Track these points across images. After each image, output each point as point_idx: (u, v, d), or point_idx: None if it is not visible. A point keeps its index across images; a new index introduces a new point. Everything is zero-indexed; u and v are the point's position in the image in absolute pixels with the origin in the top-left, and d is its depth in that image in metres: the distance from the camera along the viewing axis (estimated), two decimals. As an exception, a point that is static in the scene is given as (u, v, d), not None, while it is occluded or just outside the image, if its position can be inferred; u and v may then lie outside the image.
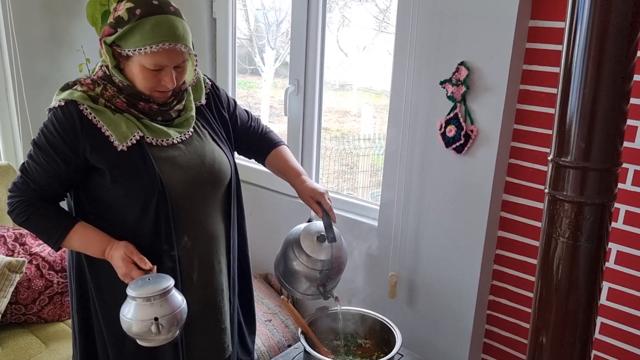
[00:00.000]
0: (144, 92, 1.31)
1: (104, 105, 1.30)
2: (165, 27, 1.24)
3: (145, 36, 1.23)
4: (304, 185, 1.57)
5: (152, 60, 1.25)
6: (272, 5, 2.85)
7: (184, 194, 1.38)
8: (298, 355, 1.79)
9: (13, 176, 2.27)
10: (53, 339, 2.01)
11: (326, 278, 1.56)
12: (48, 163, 1.30)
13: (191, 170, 1.39)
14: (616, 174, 1.03)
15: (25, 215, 1.33)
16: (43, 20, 2.49)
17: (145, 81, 1.28)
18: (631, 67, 0.97)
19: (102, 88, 1.31)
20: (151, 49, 1.23)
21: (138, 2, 1.25)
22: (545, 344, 1.13)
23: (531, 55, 1.77)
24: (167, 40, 1.24)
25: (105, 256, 1.32)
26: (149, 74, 1.27)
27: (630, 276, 1.72)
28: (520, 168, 1.88)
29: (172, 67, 1.29)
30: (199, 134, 1.45)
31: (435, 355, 2.12)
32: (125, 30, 1.24)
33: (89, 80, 1.33)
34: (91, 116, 1.28)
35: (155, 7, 1.24)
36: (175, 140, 1.38)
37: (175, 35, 1.25)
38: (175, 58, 1.28)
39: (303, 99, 2.40)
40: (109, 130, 1.29)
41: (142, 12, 1.23)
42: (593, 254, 1.05)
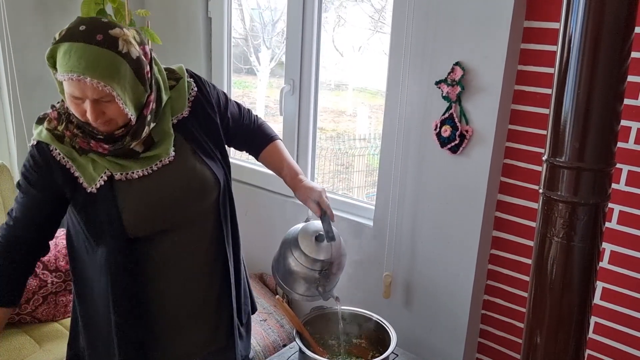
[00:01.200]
0: (81, 121, 1.22)
1: (70, 144, 1.26)
2: (76, 57, 1.13)
3: (60, 62, 1.15)
4: (301, 185, 1.56)
5: (68, 89, 1.16)
6: (267, 5, 2.84)
7: (162, 226, 1.34)
8: (293, 355, 1.79)
9: (7, 176, 2.26)
10: (47, 339, 2.00)
11: (325, 278, 1.55)
12: (28, 199, 1.28)
13: (165, 199, 1.33)
14: (610, 174, 1.04)
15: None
16: (37, 19, 2.47)
17: (70, 107, 1.20)
18: (625, 68, 0.97)
19: (64, 126, 1.25)
20: (62, 76, 1.15)
21: (69, 25, 1.18)
22: (540, 343, 1.14)
23: (526, 55, 1.78)
24: (74, 71, 1.12)
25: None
26: (73, 102, 1.18)
27: (624, 276, 1.73)
28: (515, 168, 1.88)
29: (91, 101, 1.16)
30: (181, 153, 1.35)
31: (430, 354, 2.12)
32: (50, 49, 1.18)
33: (55, 113, 1.28)
34: (60, 157, 1.26)
35: (74, 34, 1.15)
36: (147, 172, 1.30)
37: (84, 68, 1.12)
38: (86, 92, 1.15)
39: (298, 99, 2.40)
40: (77, 172, 1.26)
41: (62, 35, 1.16)
42: (587, 254, 1.06)
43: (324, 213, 1.53)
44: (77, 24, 1.17)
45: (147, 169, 1.30)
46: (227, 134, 1.52)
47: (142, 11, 2.42)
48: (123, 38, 1.17)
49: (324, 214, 1.53)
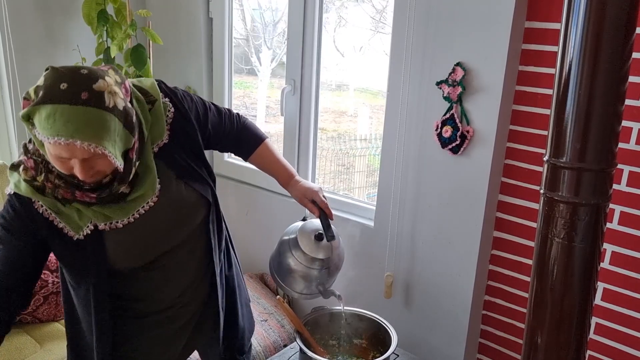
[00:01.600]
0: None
1: (52, 195, 1.17)
2: (62, 120, 1.03)
3: (41, 125, 1.05)
4: (297, 187, 1.55)
5: (54, 150, 1.08)
6: (268, 5, 2.85)
7: (150, 258, 1.32)
8: (294, 355, 1.79)
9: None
10: (48, 339, 2.00)
11: (324, 277, 1.55)
12: (11, 250, 1.20)
13: (155, 237, 1.30)
14: (611, 174, 1.04)
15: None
16: (38, 20, 2.48)
17: (56, 165, 1.12)
18: (626, 69, 0.97)
19: (44, 177, 1.16)
20: (47, 139, 1.05)
21: (46, 82, 1.07)
22: (541, 344, 1.14)
23: (527, 56, 1.78)
24: (61, 135, 1.03)
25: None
26: (56, 160, 1.10)
27: (625, 277, 1.72)
28: (515, 169, 1.88)
29: (80, 160, 1.09)
30: (165, 187, 1.29)
31: (431, 355, 2.12)
32: (27, 111, 1.07)
33: (32, 161, 1.17)
34: (43, 209, 1.20)
35: (56, 94, 1.04)
36: (132, 219, 1.24)
37: (72, 132, 1.03)
38: (75, 153, 1.07)
39: (299, 99, 2.40)
40: (62, 222, 1.21)
41: (41, 96, 1.05)
42: (588, 255, 1.06)
43: (323, 213, 1.52)
44: (56, 81, 1.06)
45: (132, 216, 1.24)
46: (209, 144, 1.47)
47: (143, 11, 2.42)
48: (108, 90, 1.09)
49: (323, 214, 1.52)
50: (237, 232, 2.38)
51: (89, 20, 2.35)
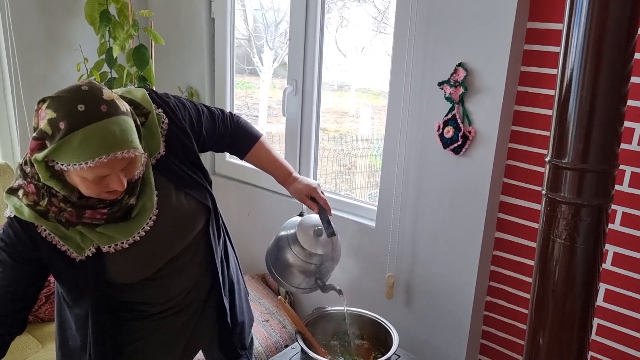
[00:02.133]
0: (92, 196, 1.15)
1: (55, 219, 1.16)
2: (97, 140, 1.05)
3: (75, 154, 1.04)
4: (295, 183, 1.56)
5: (92, 173, 1.08)
6: (270, 6, 2.85)
7: (151, 272, 1.31)
8: (295, 355, 1.79)
9: (10, 175, 2.26)
10: (49, 339, 2.00)
11: (323, 272, 1.55)
12: (12, 273, 1.19)
13: (158, 252, 1.30)
14: (613, 175, 1.04)
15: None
16: (41, 20, 2.48)
17: (89, 190, 1.11)
18: (628, 69, 0.97)
19: (47, 202, 1.15)
20: (87, 164, 1.05)
21: (60, 111, 1.05)
22: (542, 345, 1.14)
23: (529, 56, 1.78)
24: (102, 154, 1.05)
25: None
26: (92, 184, 1.10)
27: (627, 278, 1.72)
28: (517, 169, 1.88)
29: (120, 171, 1.12)
30: (165, 199, 1.29)
31: (433, 356, 2.12)
32: (53, 149, 1.05)
33: (32, 186, 1.15)
34: (46, 233, 1.18)
35: (81, 117, 1.04)
36: (137, 237, 1.24)
37: (111, 146, 1.06)
38: (117, 165, 1.10)
39: (301, 100, 2.40)
40: (65, 245, 1.20)
41: (66, 125, 1.04)
42: (590, 256, 1.06)
43: (322, 209, 1.53)
44: (71, 106, 1.05)
45: (136, 236, 1.23)
46: (204, 148, 1.47)
47: (145, 12, 2.42)
48: (115, 97, 1.11)
49: (322, 210, 1.53)
50: (238, 232, 2.38)
51: (91, 21, 2.36)
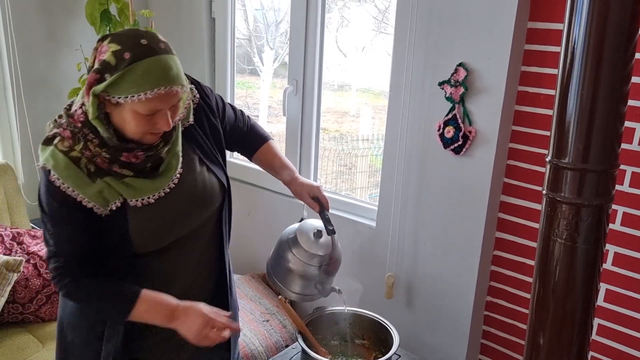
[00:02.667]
0: (134, 136, 1.20)
1: (85, 166, 1.19)
2: (159, 70, 1.13)
3: (137, 83, 1.12)
4: (298, 182, 1.59)
5: (146, 106, 1.14)
6: (271, 6, 2.85)
7: (169, 241, 1.33)
8: (296, 355, 1.79)
9: (11, 175, 2.26)
10: (50, 338, 2.01)
11: (323, 274, 1.56)
12: (72, 224, 1.22)
13: (186, 217, 1.34)
14: (614, 175, 1.03)
15: (83, 294, 1.26)
16: (41, 20, 2.48)
17: (139, 127, 1.18)
18: (629, 70, 0.97)
19: (82, 146, 1.19)
20: (145, 95, 1.12)
21: (125, 44, 1.13)
22: (543, 344, 1.14)
23: (529, 56, 1.78)
24: (162, 85, 1.13)
25: (174, 319, 1.26)
26: (143, 119, 1.16)
27: (628, 278, 1.72)
28: (518, 169, 1.88)
29: (169, 109, 1.19)
30: (190, 166, 1.35)
31: (433, 355, 2.12)
32: (116, 78, 1.12)
33: (68, 132, 1.20)
34: (69, 190, 1.19)
35: (145, 49, 1.13)
36: (162, 193, 1.28)
37: (170, 78, 1.15)
38: (171, 100, 1.18)
39: (302, 99, 2.40)
40: (90, 202, 1.21)
41: (131, 55, 1.11)
42: (590, 256, 1.06)
43: (322, 209, 1.55)
44: (135, 40, 1.13)
45: (161, 192, 1.27)
46: (224, 137, 1.51)
47: (145, 11, 2.42)
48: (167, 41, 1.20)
49: (322, 210, 1.55)
50: (239, 232, 2.38)
51: (92, 21, 2.36)
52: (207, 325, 1.26)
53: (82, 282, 1.25)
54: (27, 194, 2.50)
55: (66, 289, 1.25)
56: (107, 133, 1.18)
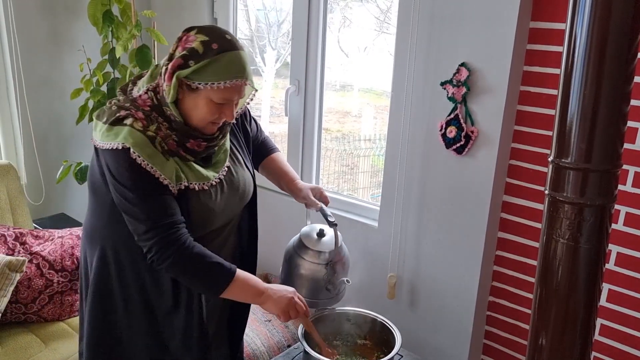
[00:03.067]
0: (199, 124, 1.31)
1: (159, 144, 1.28)
2: (239, 63, 1.26)
3: (220, 72, 1.24)
4: (301, 185, 1.66)
5: (221, 95, 1.27)
6: (273, 6, 2.85)
7: (212, 228, 1.43)
8: (298, 355, 1.79)
9: (14, 175, 2.27)
10: (53, 338, 2.01)
11: (332, 273, 1.58)
12: (155, 195, 1.28)
13: (228, 206, 1.44)
14: (616, 175, 1.03)
15: (189, 265, 1.32)
16: (44, 20, 2.49)
17: (208, 114, 1.29)
18: (631, 69, 0.97)
19: (156, 127, 1.29)
20: (224, 84, 1.24)
21: (213, 36, 1.25)
22: (545, 345, 1.13)
23: (532, 56, 1.77)
24: (239, 77, 1.26)
25: (263, 299, 1.38)
26: (214, 107, 1.28)
27: (631, 278, 1.72)
28: (520, 169, 1.88)
29: (235, 102, 1.33)
30: (233, 161, 1.48)
31: (435, 356, 2.12)
32: (202, 65, 1.23)
33: (141, 113, 1.29)
34: (148, 167, 1.26)
35: (229, 43, 1.26)
36: (214, 182, 1.39)
37: (246, 73, 1.28)
38: (241, 92, 1.31)
39: (304, 100, 2.40)
40: (166, 180, 1.28)
41: (219, 47, 1.24)
42: (593, 256, 1.06)
43: (322, 207, 1.63)
44: (221, 34, 1.26)
45: (212, 181, 1.38)
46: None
47: (148, 12, 2.43)
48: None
49: (323, 208, 1.63)
50: (241, 232, 2.38)
51: (94, 21, 2.36)
52: (292, 302, 1.41)
53: (186, 252, 1.30)
54: (30, 194, 2.51)
55: (171, 258, 1.29)
56: (179, 117, 1.29)
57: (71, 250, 2.11)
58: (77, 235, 2.17)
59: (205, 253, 1.33)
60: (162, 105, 1.30)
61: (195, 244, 1.32)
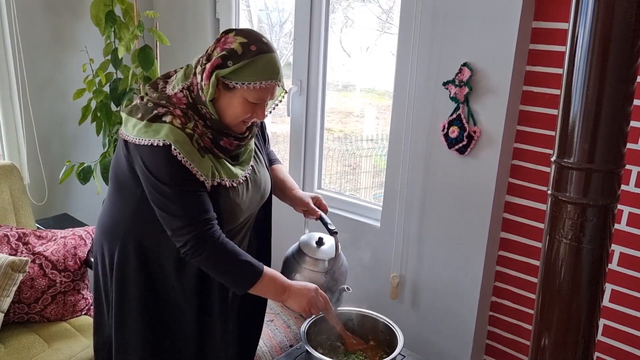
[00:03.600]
0: (231, 122, 1.36)
1: (196, 141, 1.32)
2: (274, 65, 1.32)
3: (257, 72, 1.29)
4: (301, 194, 1.69)
5: (256, 95, 1.32)
6: (275, 6, 2.85)
7: (236, 225, 1.49)
8: (300, 355, 1.79)
9: (17, 176, 2.27)
10: (56, 338, 2.01)
11: (331, 281, 1.59)
12: (192, 192, 1.32)
13: (251, 203, 1.50)
14: (619, 175, 1.03)
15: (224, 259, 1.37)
16: (47, 21, 2.49)
17: (242, 112, 1.34)
18: (634, 69, 0.96)
19: (193, 124, 1.33)
20: (260, 84, 1.30)
21: (251, 39, 1.31)
22: (548, 345, 1.13)
23: (534, 56, 1.77)
24: (274, 78, 1.32)
25: (286, 296, 1.43)
26: (248, 106, 1.34)
27: (633, 278, 1.71)
28: (523, 169, 1.87)
29: (266, 103, 1.38)
30: (256, 161, 1.54)
31: (437, 356, 2.12)
32: (241, 65, 1.28)
33: (179, 111, 1.33)
34: (187, 164, 1.30)
35: (266, 46, 1.32)
36: (242, 179, 1.44)
37: (280, 74, 1.34)
38: (273, 93, 1.37)
39: (306, 100, 2.40)
40: (203, 176, 1.33)
41: (257, 49, 1.29)
42: (596, 256, 1.05)
43: (321, 214, 1.65)
44: (258, 37, 1.32)
45: (242, 177, 1.44)
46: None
47: (150, 12, 2.43)
48: None
49: (322, 216, 1.64)
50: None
51: (96, 22, 2.37)
52: (316, 297, 1.46)
53: (220, 247, 1.35)
54: (33, 194, 2.52)
55: (207, 252, 1.33)
56: (215, 115, 1.34)
57: (74, 250, 2.11)
58: (80, 235, 2.17)
59: (237, 250, 1.38)
60: (197, 103, 1.35)
61: (227, 241, 1.37)
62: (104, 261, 1.52)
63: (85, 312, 2.16)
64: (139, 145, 1.31)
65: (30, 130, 2.48)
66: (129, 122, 1.35)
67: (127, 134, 1.35)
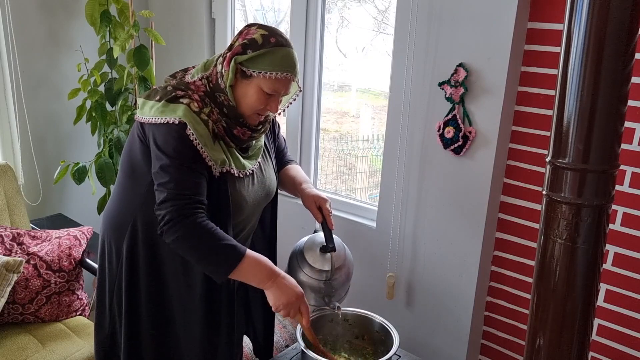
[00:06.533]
0: (246, 112, 1.39)
1: (210, 129, 1.35)
2: (291, 59, 1.37)
3: (274, 63, 1.34)
4: (308, 191, 1.65)
5: (271, 85, 1.35)
6: (271, 6, 2.85)
7: (243, 218, 1.50)
8: (296, 355, 1.79)
9: (11, 176, 2.26)
10: (50, 339, 2.00)
11: (330, 289, 1.60)
12: (191, 171, 1.33)
13: (256, 198, 1.52)
14: (614, 175, 1.03)
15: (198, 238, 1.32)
16: (41, 20, 2.48)
17: (256, 102, 1.37)
18: (629, 70, 0.97)
19: (209, 110, 1.37)
20: (276, 75, 1.34)
21: (271, 32, 1.36)
22: (543, 345, 1.14)
23: (529, 57, 1.78)
24: (289, 72, 1.36)
25: (272, 282, 1.37)
26: (263, 96, 1.37)
27: (628, 278, 1.72)
28: (518, 169, 1.88)
29: (281, 96, 1.41)
30: (264, 159, 1.56)
31: (433, 356, 2.12)
32: (259, 53, 1.33)
33: (197, 96, 1.37)
34: (199, 146, 1.33)
35: (285, 40, 1.37)
36: (249, 172, 1.47)
37: (296, 69, 1.38)
38: (288, 88, 1.40)
39: (302, 100, 2.40)
40: (211, 161, 1.35)
41: (276, 41, 1.35)
42: (590, 256, 1.06)
43: (325, 225, 1.60)
44: (277, 31, 1.38)
45: (248, 170, 1.46)
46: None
47: (145, 12, 2.42)
48: None
49: (324, 223, 1.60)
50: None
51: (92, 21, 2.36)
52: (296, 303, 1.39)
53: (199, 226, 1.30)
54: (27, 194, 2.51)
55: (184, 229, 1.29)
56: (233, 101, 1.38)
57: (68, 250, 2.10)
58: (75, 235, 2.16)
59: (220, 233, 1.32)
60: (215, 91, 1.39)
61: (209, 223, 1.32)
62: (111, 254, 1.51)
63: (80, 313, 2.15)
64: (153, 125, 1.34)
65: (25, 130, 2.47)
66: (145, 105, 1.39)
67: (143, 116, 1.38)
